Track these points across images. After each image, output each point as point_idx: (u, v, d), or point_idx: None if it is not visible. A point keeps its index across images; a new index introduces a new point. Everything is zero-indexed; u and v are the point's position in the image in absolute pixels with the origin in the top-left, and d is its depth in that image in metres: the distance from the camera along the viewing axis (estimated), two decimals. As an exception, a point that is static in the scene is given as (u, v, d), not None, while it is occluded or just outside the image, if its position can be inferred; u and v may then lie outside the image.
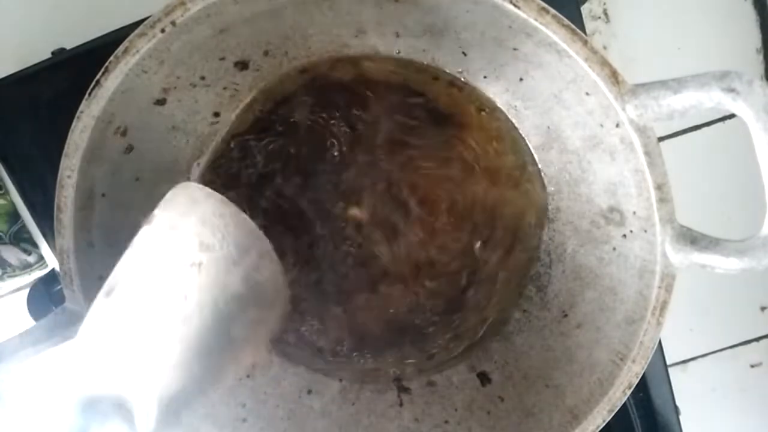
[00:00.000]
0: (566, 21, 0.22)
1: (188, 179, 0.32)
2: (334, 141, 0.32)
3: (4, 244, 0.40)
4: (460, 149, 0.32)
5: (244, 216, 0.24)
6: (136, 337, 0.22)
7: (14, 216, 0.40)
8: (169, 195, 0.22)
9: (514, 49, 0.27)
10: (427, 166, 0.32)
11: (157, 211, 0.22)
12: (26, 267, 0.41)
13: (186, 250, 0.22)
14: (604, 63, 0.22)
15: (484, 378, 0.32)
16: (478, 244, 0.33)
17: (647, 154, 0.22)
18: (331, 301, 0.33)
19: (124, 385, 0.21)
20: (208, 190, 0.24)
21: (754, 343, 0.54)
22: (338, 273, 0.33)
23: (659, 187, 0.23)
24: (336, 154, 0.32)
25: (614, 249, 0.28)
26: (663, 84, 0.21)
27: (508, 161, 0.32)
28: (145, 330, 0.22)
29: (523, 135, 0.32)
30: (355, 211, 0.33)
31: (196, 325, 0.22)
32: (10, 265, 0.41)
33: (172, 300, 0.22)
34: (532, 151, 0.32)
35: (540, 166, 0.32)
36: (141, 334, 0.22)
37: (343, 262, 0.33)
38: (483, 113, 0.32)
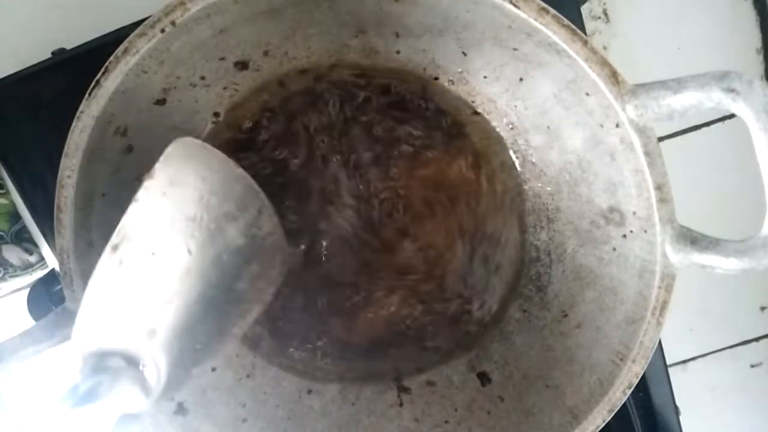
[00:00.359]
0: (566, 21, 0.22)
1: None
2: (334, 141, 0.32)
3: (6, 243, 0.40)
4: (458, 148, 0.32)
5: (242, 171, 0.25)
6: (143, 292, 0.21)
7: (15, 216, 0.40)
8: (168, 149, 0.22)
9: (514, 49, 0.27)
10: (425, 166, 0.32)
11: (157, 165, 0.22)
12: (28, 267, 0.41)
13: (186, 205, 0.22)
14: (604, 63, 0.22)
15: (484, 378, 0.32)
16: (475, 243, 0.33)
17: (647, 154, 0.22)
18: (332, 304, 0.33)
19: (133, 340, 0.21)
20: (206, 144, 0.24)
21: (754, 343, 0.54)
22: (338, 274, 0.33)
23: (659, 188, 0.23)
24: (335, 153, 0.32)
25: (614, 249, 0.28)
26: (663, 84, 0.21)
27: (504, 160, 0.32)
28: (152, 284, 0.22)
29: (521, 135, 0.32)
30: (353, 211, 0.33)
31: (201, 279, 0.22)
32: (11, 265, 0.40)
33: (177, 254, 0.22)
34: (526, 150, 0.32)
35: (539, 165, 0.32)
36: (148, 288, 0.22)
37: (342, 263, 0.33)
38: (481, 114, 0.32)
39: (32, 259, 0.41)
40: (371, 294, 0.33)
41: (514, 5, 0.22)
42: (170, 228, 0.22)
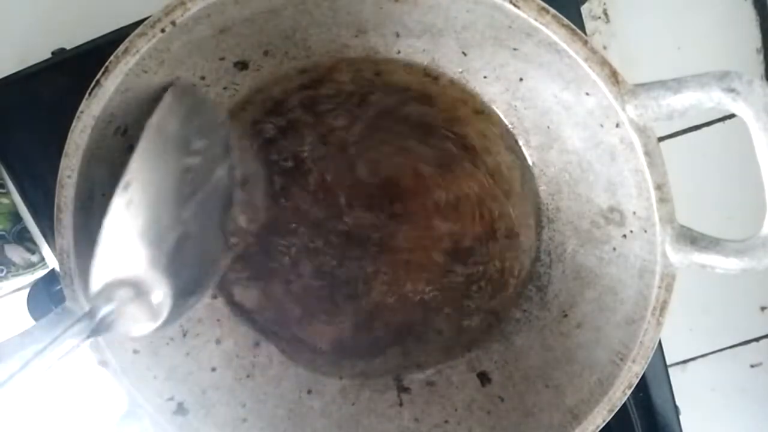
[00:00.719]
0: (566, 21, 0.22)
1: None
2: (333, 140, 0.32)
3: (8, 243, 0.40)
4: (458, 149, 0.32)
5: (224, 118, 0.29)
6: (149, 227, 0.24)
7: (17, 215, 0.40)
8: (166, 96, 0.25)
9: (514, 49, 0.27)
10: (425, 165, 0.32)
11: (157, 110, 0.25)
12: (30, 266, 0.41)
13: (182, 147, 0.25)
14: (604, 63, 0.22)
15: (484, 378, 0.32)
16: (477, 242, 0.33)
17: (647, 154, 0.22)
18: (333, 302, 0.33)
19: (141, 270, 0.24)
20: (196, 91, 0.27)
21: (754, 343, 0.54)
22: (338, 273, 0.33)
23: (659, 187, 0.23)
24: (335, 152, 0.32)
25: (614, 249, 0.28)
26: (663, 84, 0.21)
27: (504, 160, 0.32)
28: (157, 220, 0.24)
29: (521, 135, 0.32)
30: (354, 209, 0.33)
31: (198, 216, 0.26)
32: (14, 264, 0.40)
33: (177, 192, 0.25)
34: (526, 150, 0.32)
35: (539, 165, 0.32)
36: (153, 224, 0.24)
37: (343, 262, 0.33)
38: (482, 114, 0.32)
39: (34, 258, 0.41)
40: (371, 292, 0.33)
41: (514, 5, 0.22)
42: (170, 169, 0.25)
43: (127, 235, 0.24)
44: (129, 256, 0.24)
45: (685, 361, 0.54)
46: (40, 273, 0.42)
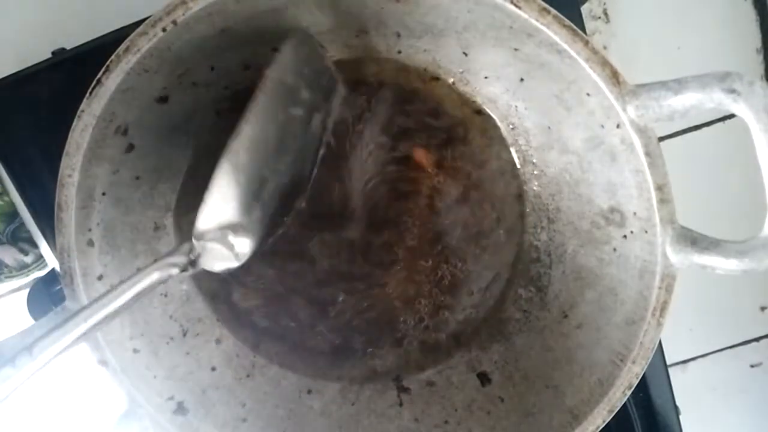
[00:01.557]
0: (567, 21, 0.22)
1: (186, 180, 0.32)
2: (332, 141, 0.32)
3: (1, 243, 0.40)
4: (459, 149, 0.32)
5: (330, 63, 0.29)
6: (254, 180, 0.25)
7: (11, 215, 0.40)
8: (285, 46, 0.26)
9: (515, 50, 0.27)
10: (425, 165, 0.32)
11: (277, 59, 0.25)
12: (23, 268, 0.41)
13: (291, 100, 0.26)
14: (605, 63, 0.22)
15: (484, 378, 0.32)
16: (475, 242, 0.33)
17: (648, 154, 0.22)
18: (332, 302, 0.33)
19: (238, 219, 0.25)
20: (310, 37, 0.27)
21: (754, 343, 0.54)
22: (336, 273, 0.33)
23: (660, 188, 0.23)
24: (334, 153, 0.32)
25: (615, 250, 0.28)
26: (663, 84, 0.21)
27: (505, 161, 0.32)
28: (261, 173, 0.25)
29: (521, 135, 0.32)
30: (352, 209, 0.33)
31: (293, 166, 0.27)
32: (6, 266, 0.40)
33: (281, 144, 0.26)
34: (527, 150, 0.32)
35: (539, 166, 0.32)
36: (258, 177, 0.25)
37: (342, 261, 0.33)
38: (482, 114, 0.32)
39: (28, 259, 0.41)
40: (371, 292, 0.33)
41: (516, 5, 0.22)
42: (279, 121, 0.26)
43: (235, 186, 0.25)
44: (232, 204, 0.25)
45: (685, 361, 0.54)
46: (35, 275, 0.41)
